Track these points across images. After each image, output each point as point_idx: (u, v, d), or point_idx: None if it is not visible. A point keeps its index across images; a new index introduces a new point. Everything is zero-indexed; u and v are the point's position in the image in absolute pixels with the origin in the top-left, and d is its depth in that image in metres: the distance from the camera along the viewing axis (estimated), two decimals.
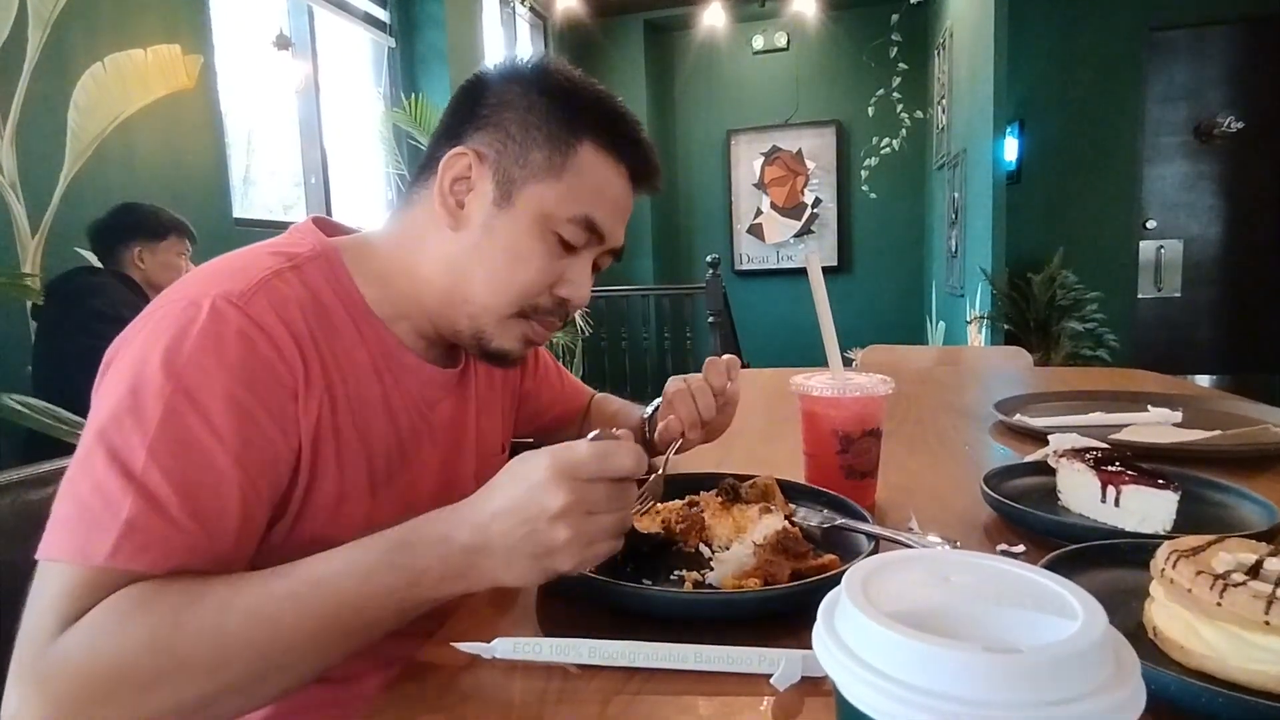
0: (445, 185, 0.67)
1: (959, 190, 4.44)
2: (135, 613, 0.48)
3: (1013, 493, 0.78)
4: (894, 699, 0.25)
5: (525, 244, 0.67)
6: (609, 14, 5.71)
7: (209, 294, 0.56)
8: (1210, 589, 0.45)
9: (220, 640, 0.48)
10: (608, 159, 0.69)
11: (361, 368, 0.66)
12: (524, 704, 0.47)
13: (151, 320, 0.56)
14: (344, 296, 0.66)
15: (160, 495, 0.50)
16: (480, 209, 0.67)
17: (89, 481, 0.51)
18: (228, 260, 0.63)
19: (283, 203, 3.66)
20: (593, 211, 0.68)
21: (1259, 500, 0.72)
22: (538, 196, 0.67)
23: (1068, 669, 0.24)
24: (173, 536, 0.51)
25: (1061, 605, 0.28)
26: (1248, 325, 4.66)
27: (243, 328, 0.56)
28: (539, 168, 0.67)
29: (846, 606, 0.28)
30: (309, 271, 0.64)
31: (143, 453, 0.51)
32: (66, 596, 0.48)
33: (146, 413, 0.52)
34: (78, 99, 2.32)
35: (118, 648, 0.47)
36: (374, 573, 0.50)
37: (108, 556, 0.49)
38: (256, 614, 0.49)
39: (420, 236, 0.70)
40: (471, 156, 0.67)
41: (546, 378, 0.99)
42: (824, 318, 0.83)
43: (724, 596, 0.57)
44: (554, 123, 0.67)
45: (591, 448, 0.51)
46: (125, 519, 0.49)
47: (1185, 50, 4.59)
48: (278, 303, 0.59)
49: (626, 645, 0.50)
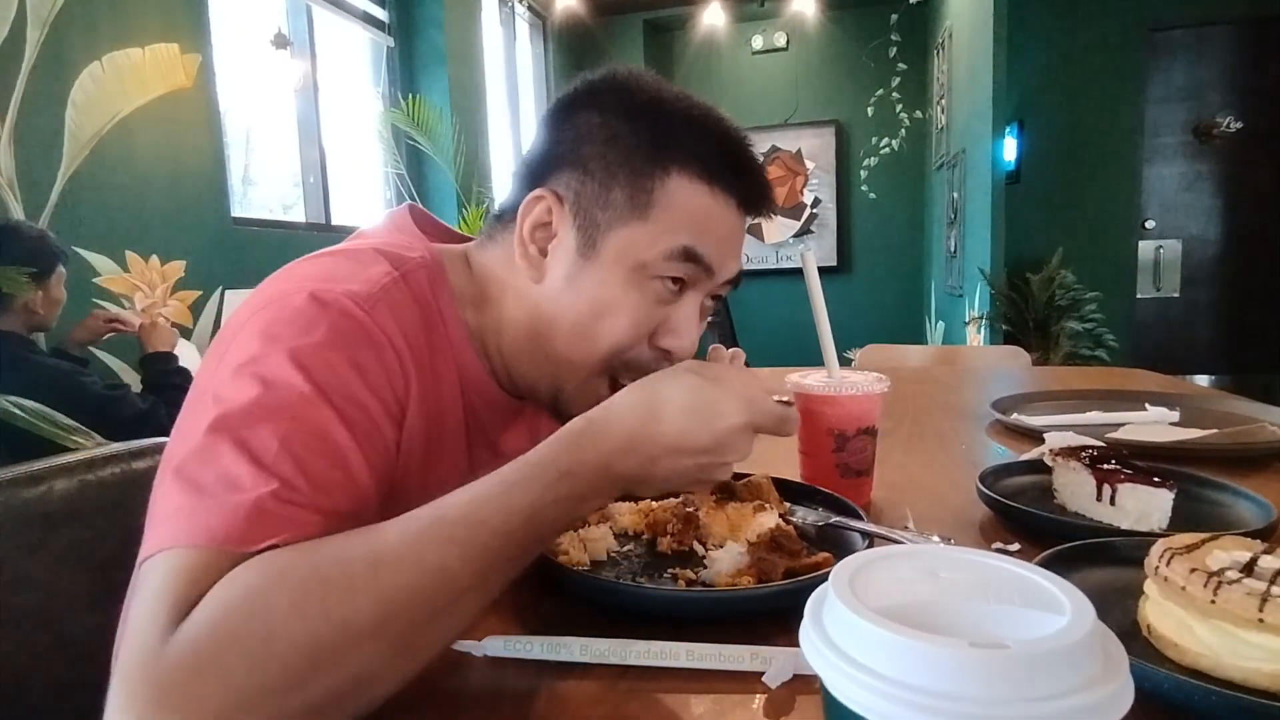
0: (525, 233, 0.62)
1: (958, 190, 4.44)
2: (268, 581, 0.40)
3: (1008, 491, 0.78)
4: (880, 695, 0.24)
5: (616, 297, 0.60)
6: (608, 14, 5.70)
7: (334, 291, 0.53)
8: (1204, 586, 0.44)
9: (382, 596, 0.41)
10: (703, 186, 0.61)
11: (451, 387, 0.63)
12: (515, 702, 0.47)
13: (268, 313, 0.52)
14: (444, 310, 0.63)
15: (294, 484, 0.45)
16: (563, 260, 0.61)
17: (213, 472, 0.45)
18: (341, 256, 0.60)
19: (282, 202, 3.66)
20: (692, 242, 0.60)
21: (1254, 498, 0.72)
22: (625, 241, 0.60)
23: (1054, 664, 0.24)
24: (305, 520, 0.45)
25: (1050, 601, 0.28)
26: (1246, 325, 4.66)
27: (369, 330, 0.53)
28: (623, 207, 0.60)
29: (833, 602, 0.28)
30: (417, 281, 0.61)
31: (275, 443, 0.46)
32: (180, 580, 0.40)
33: (278, 405, 0.48)
34: (76, 98, 2.32)
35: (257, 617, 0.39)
36: (538, 509, 0.47)
37: (235, 537, 0.42)
38: (422, 563, 0.43)
39: (504, 279, 0.65)
40: (551, 199, 0.61)
41: None
42: (819, 316, 0.82)
43: (717, 594, 0.56)
44: (637, 153, 0.60)
45: (778, 409, 0.53)
46: (254, 500, 0.43)
47: (1184, 50, 4.59)
48: (397, 312, 0.56)
49: (618, 643, 0.50)
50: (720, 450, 0.51)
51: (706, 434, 0.50)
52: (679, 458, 0.50)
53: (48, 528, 0.75)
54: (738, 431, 0.50)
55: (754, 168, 0.64)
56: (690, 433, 0.50)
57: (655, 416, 0.50)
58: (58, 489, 0.77)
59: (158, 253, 2.59)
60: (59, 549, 0.74)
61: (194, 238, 2.71)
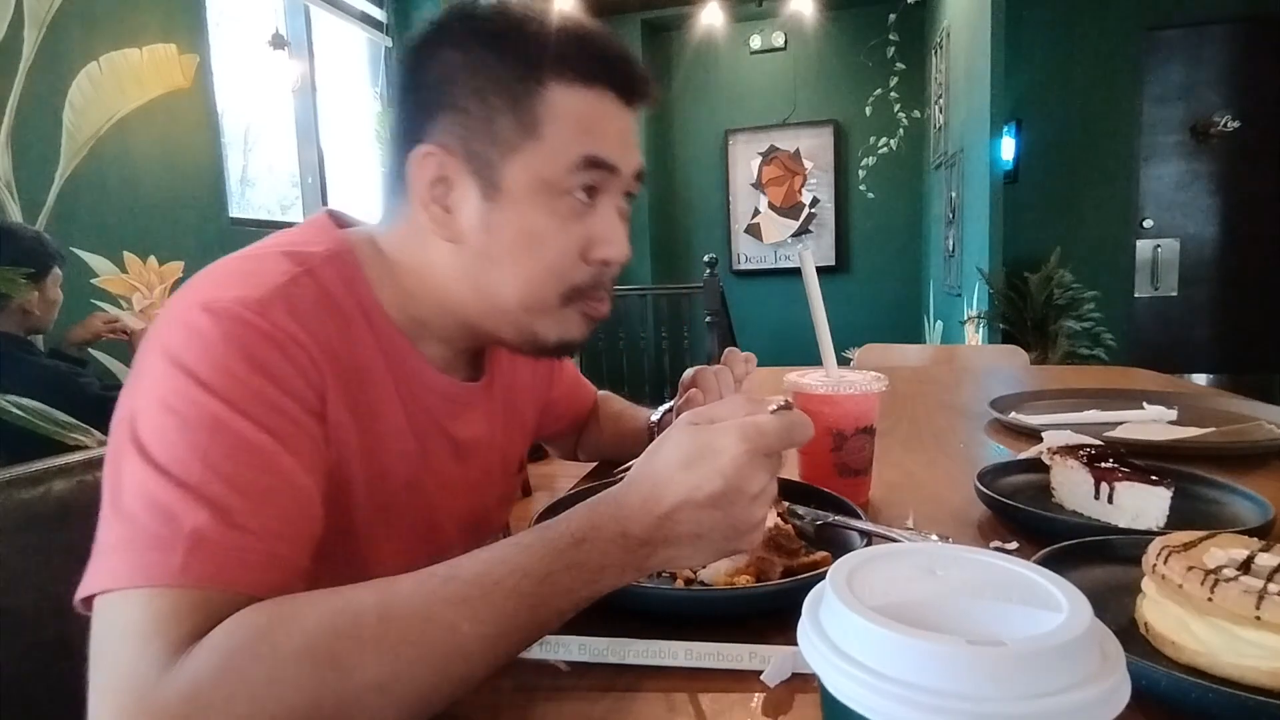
0: (424, 195, 0.60)
1: (956, 190, 4.44)
2: (278, 624, 0.41)
3: (1006, 490, 0.78)
4: (877, 692, 0.24)
5: (535, 225, 0.59)
6: (606, 14, 5.70)
7: (223, 300, 0.51)
8: (1201, 584, 0.45)
9: (390, 651, 0.40)
10: (583, 90, 0.59)
11: (380, 378, 0.61)
12: (514, 702, 0.47)
13: (166, 335, 0.51)
14: (361, 302, 0.60)
15: (226, 503, 0.45)
16: (471, 210, 0.59)
17: (142, 502, 0.44)
18: (237, 261, 0.57)
19: (280, 202, 3.66)
20: (592, 149, 0.59)
21: (1252, 496, 0.72)
22: (525, 166, 0.58)
23: (1051, 662, 0.24)
24: (249, 546, 0.45)
25: (1046, 598, 0.28)
26: (1244, 324, 4.67)
27: (268, 333, 0.51)
28: (512, 135, 0.58)
29: (831, 601, 0.28)
30: (324, 274, 0.58)
31: (198, 465, 0.45)
32: (158, 625, 0.41)
33: (192, 427, 0.47)
34: (73, 98, 2.31)
35: (263, 661, 0.39)
36: (552, 574, 0.45)
37: (179, 573, 0.42)
38: (431, 620, 0.42)
39: (420, 254, 0.62)
40: (439, 153, 0.59)
41: (567, 385, 0.95)
42: (817, 315, 0.83)
43: (715, 594, 0.57)
44: (508, 74, 0.58)
45: (779, 421, 0.48)
46: (189, 530, 0.43)
47: (1182, 50, 4.59)
48: (298, 310, 0.54)
49: (617, 642, 0.50)
50: (737, 490, 0.46)
51: (713, 478, 0.46)
52: (697, 511, 0.46)
53: (46, 529, 0.75)
54: (743, 463, 0.46)
55: (625, 56, 0.62)
56: (697, 482, 0.46)
57: (659, 475, 0.48)
58: (56, 490, 0.77)
59: (155, 253, 2.59)
60: (58, 550, 0.74)
61: (192, 238, 2.71)
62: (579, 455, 1.04)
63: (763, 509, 0.48)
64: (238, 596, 0.43)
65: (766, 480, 0.48)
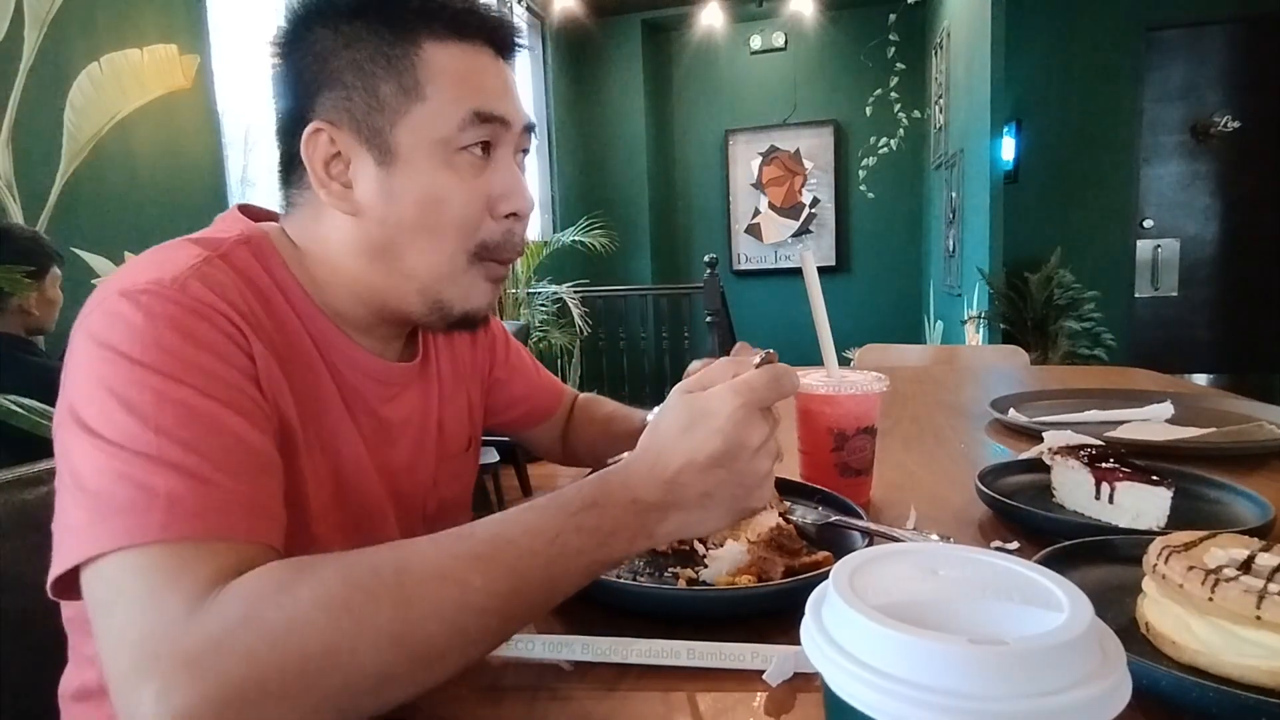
0: (321, 173, 0.60)
1: (956, 190, 4.44)
2: (298, 575, 0.42)
3: (1007, 490, 0.78)
4: (880, 691, 0.25)
5: (434, 184, 0.60)
6: (607, 14, 5.70)
7: (138, 284, 0.51)
8: (1202, 584, 0.45)
9: (405, 603, 0.41)
10: (457, 45, 0.60)
11: (308, 355, 0.61)
12: (516, 701, 0.47)
13: (90, 324, 0.50)
14: (279, 282, 0.60)
15: (189, 465, 0.45)
16: (368, 179, 0.60)
17: (109, 478, 0.44)
18: (149, 254, 0.57)
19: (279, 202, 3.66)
20: (476, 103, 0.60)
21: (1252, 496, 0.72)
22: (415, 128, 0.59)
23: (1052, 661, 0.24)
24: (221, 498, 0.45)
25: (1048, 598, 0.28)
26: (1244, 324, 4.67)
27: (189, 306, 0.51)
28: (396, 99, 0.59)
29: (833, 600, 0.28)
30: (238, 257, 0.58)
31: (152, 436, 0.45)
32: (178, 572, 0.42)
33: (137, 403, 0.46)
34: (74, 99, 2.31)
35: (283, 608, 0.40)
36: (563, 534, 0.46)
37: (160, 529, 0.43)
38: (445, 576, 0.43)
39: (322, 236, 0.63)
40: (328, 129, 0.59)
41: (520, 368, 0.94)
42: (818, 316, 0.83)
43: (717, 593, 0.57)
44: (382, 41, 0.59)
45: (765, 374, 0.50)
46: (164, 493, 0.44)
47: (1182, 49, 4.60)
48: (214, 285, 0.53)
49: (619, 642, 0.50)
50: (739, 445, 0.48)
51: (712, 437, 0.48)
52: (702, 473, 0.48)
53: (47, 529, 0.75)
54: (739, 419, 0.48)
55: (490, 10, 0.63)
56: (697, 444, 0.48)
57: (662, 443, 0.49)
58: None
59: None
60: None
61: None
62: (567, 458, 1.03)
63: (765, 462, 0.50)
64: (232, 544, 0.44)
65: (765, 432, 0.49)
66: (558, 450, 1.03)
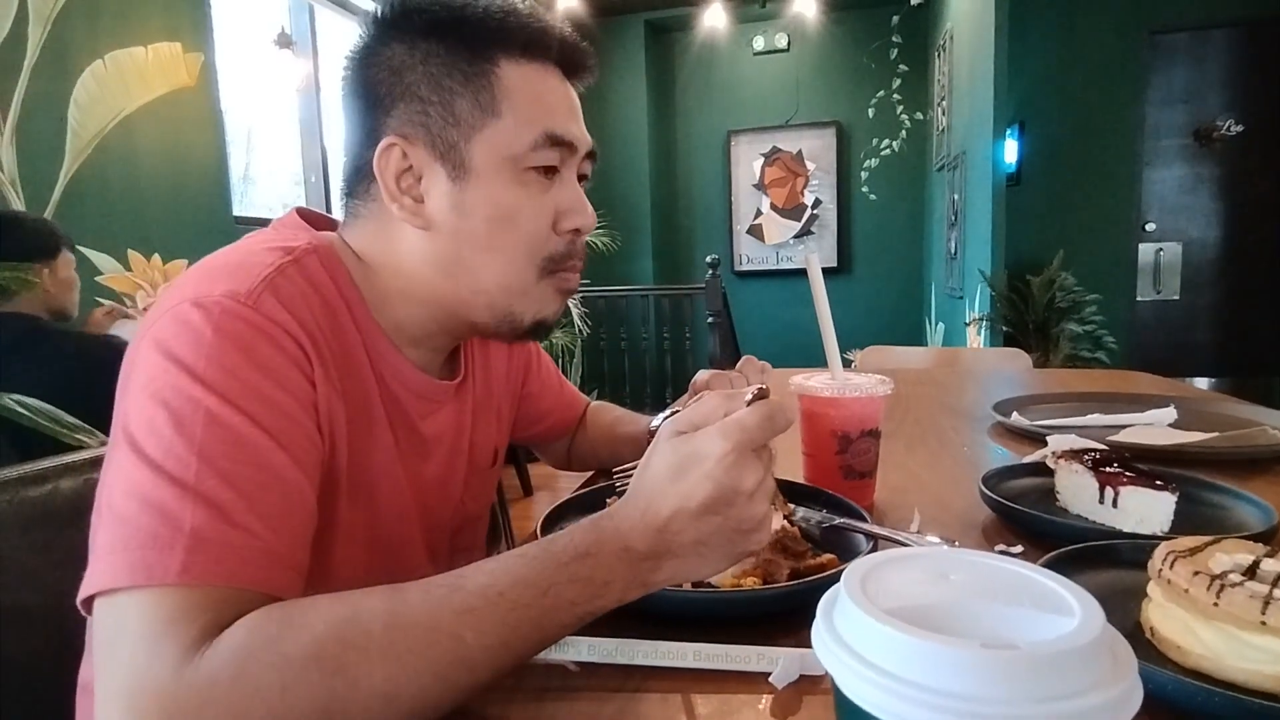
0: (393, 187, 0.60)
1: (959, 192, 4.44)
2: (288, 631, 0.42)
3: (1011, 493, 0.78)
4: (892, 695, 0.25)
5: (506, 200, 0.61)
6: (609, 14, 5.70)
7: (213, 295, 0.52)
8: (1207, 589, 0.45)
9: (397, 660, 0.41)
10: (532, 65, 0.62)
11: (363, 370, 0.62)
12: (522, 702, 0.47)
13: (157, 329, 0.51)
14: (345, 295, 0.62)
15: (222, 501, 0.45)
16: (441, 194, 0.60)
17: (137, 501, 0.45)
18: (224, 257, 0.58)
19: (282, 201, 3.67)
20: (550, 126, 0.61)
21: (1256, 502, 0.72)
22: (489, 144, 0.60)
23: (1064, 666, 0.24)
24: (246, 543, 0.46)
25: (1059, 603, 0.28)
26: (1246, 328, 4.67)
27: (259, 326, 0.52)
28: (473, 114, 0.60)
29: (845, 603, 0.28)
30: (310, 266, 0.59)
31: (194, 461, 0.46)
32: (169, 622, 0.42)
33: (187, 422, 0.47)
34: (78, 96, 2.32)
35: (275, 668, 0.40)
36: (555, 585, 0.45)
37: (180, 573, 0.43)
38: (436, 630, 0.43)
39: (391, 249, 0.63)
40: (401, 144, 0.60)
41: (549, 381, 0.95)
42: (823, 318, 0.83)
43: (722, 595, 0.57)
44: (459, 58, 0.60)
45: (757, 413, 0.47)
46: (190, 530, 0.44)
47: (1185, 53, 4.59)
48: (286, 300, 0.55)
49: (625, 643, 0.50)
50: (731, 491, 0.46)
51: (703, 483, 0.46)
52: (694, 520, 0.46)
53: (52, 527, 0.75)
54: (730, 463, 0.45)
55: (564, 33, 0.65)
56: (688, 490, 0.46)
57: (651, 489, 0.47)
58: (63, 488, 0.78)
59: (159, 251, 2.59)
60: (64, 548, 0.74)
61: (195, 236, 2.71)
62: (572, 465, 1.03)
63: (761, 505, 0.47)
64: (242, 593, 0.44)
65: (759, 475, 0.47)
66: (564, 458, 1.03)
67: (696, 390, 0.80)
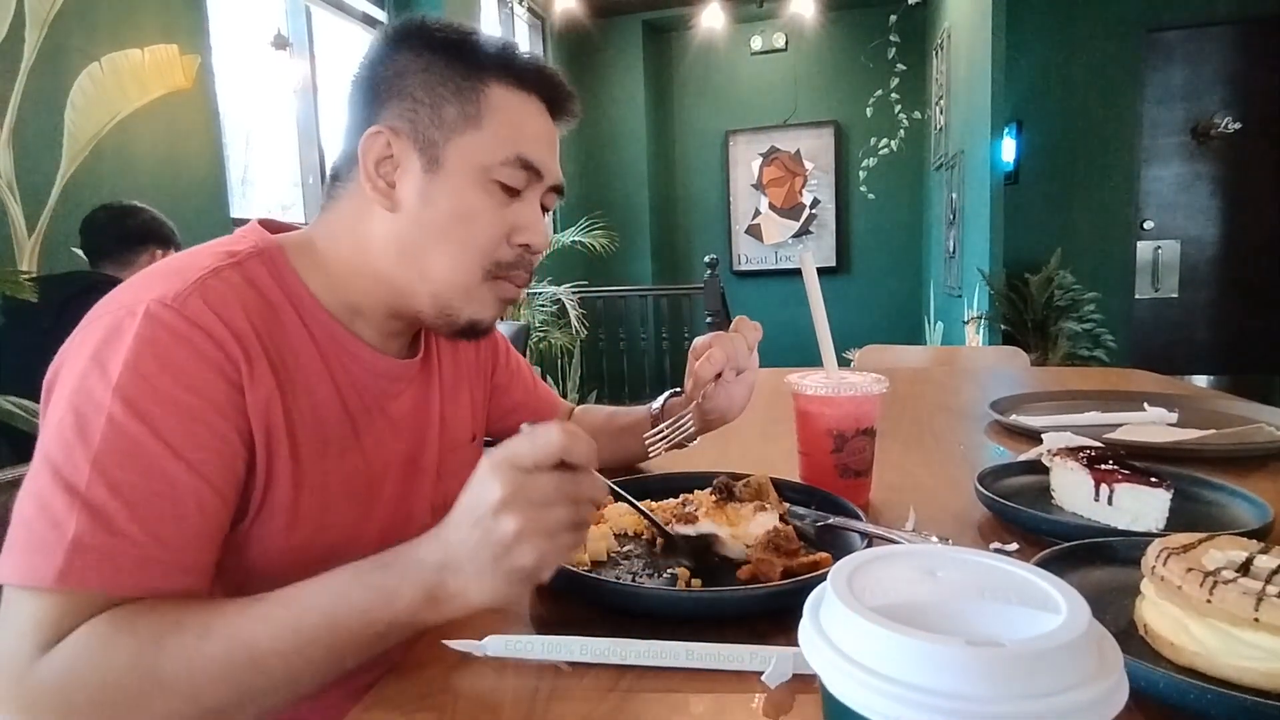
0: (370, 169, 0.65)
1: (957, 191, 4.44)
2: (117, 636, 0.48)
3: (1006, 491, 0.78)
4: (877, 693, 0.25)
5: (468, 201, 0.65)
6: (607, 14, 5.71)
7: (142, 300, 0.55)
8: (1200, 586, 0.45)
9: (200, 663, 0.47)
10: (519, 93, 0.67)
11: (310, 362, 0.64)
12: (515, 702, 0.47)
13: (87, 332, 0.55)
14: (288, 291, 0.65)
15: (107, 510, 0.50)
16: (412, 182, 0.65)
17: (35, 504, 0.50)
18: (167, 263, 0.62)
19: (280, 203, 3.66)
20: (523, 150, 0.66)
21: (1251, 498, 0.72)
22: (465, 150, 0.65)
23: (1050, 663, 0.24)
24: (123, 551, 0.50)
25: (1045, 600, 0.28)
26: (1244, 326, 4.67)
27: (179, 329, 0.54)
28: (456, 121, 0.65)
29: (832, 601, 0.28)
30: (250, 267, 0.63)
31: (87, 468, 0.50)
32: (37, 622, 0.48)
33: (89, 428, 0.51)
34: (75, 99, 2.31)
35: (100, 671, 0.47)
36: (349, 591, 0.50)
37: (56, 579, 0.48)
38: (234, 636, 0.48)
39: (358, 229, 0.67)
40: (387, 133, 0.64)
41: (519, 375, 0.97)
42: (818, 317, 0.83)
43: (715, 594, 0.57)
44: (456, 73, 0.65)
45: (521, 435, 0.50)
46: (71, 538, 0.48)
47: (1182, 51, 4.60)
48: (215, 301, 0.57)
49: (618, 643, 0.50)
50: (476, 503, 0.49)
51: (464, 495, 0.50)
52: (459, 527, 0.49)
53: None
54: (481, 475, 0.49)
55: (555, 75, 0.70)
56: (460, 498, 0.50)
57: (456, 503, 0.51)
58: None
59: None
60: None
61: (193, 238, 2.69)
62: None
63: (513, 522, 0.47)
64: (110, 598, 0.50)
65: (505, 490, 0.48)
66: None
67: (698, 354, 0.79)
